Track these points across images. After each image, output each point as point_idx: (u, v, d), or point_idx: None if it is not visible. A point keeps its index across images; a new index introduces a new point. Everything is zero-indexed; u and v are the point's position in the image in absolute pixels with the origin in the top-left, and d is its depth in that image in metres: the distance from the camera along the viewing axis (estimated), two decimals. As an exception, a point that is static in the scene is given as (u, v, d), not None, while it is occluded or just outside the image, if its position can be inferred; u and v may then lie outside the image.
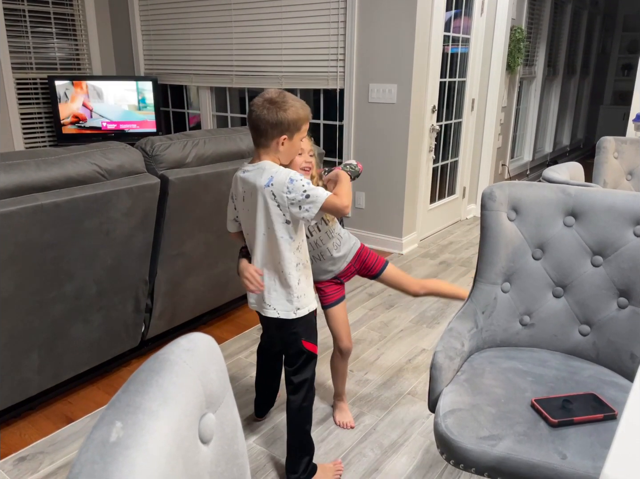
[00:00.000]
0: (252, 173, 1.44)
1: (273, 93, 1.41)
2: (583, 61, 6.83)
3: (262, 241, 1.48)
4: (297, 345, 1.60)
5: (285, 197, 1.39)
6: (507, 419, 1.07)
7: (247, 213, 1.50)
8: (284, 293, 1.52)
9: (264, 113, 1.38)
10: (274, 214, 1.42)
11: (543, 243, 1.36)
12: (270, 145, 1.43)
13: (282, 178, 1.39)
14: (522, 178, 5.80)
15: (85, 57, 5.02)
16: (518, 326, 1.38)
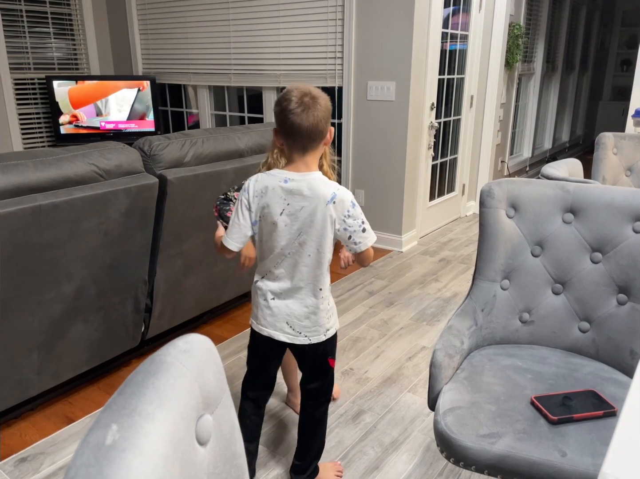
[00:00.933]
0: (300, 184, 1.29)
1: (304, 88, 1.29)
2: (582, 57, 6.82)
3: (304, 262, 1.34)
4: (324, 365, 1.52)
5: (343, 219, 1.30)
6: (506, 417, 1.07)
7: (288, 229, 1.33)
8: (317, 318, 1.41)
9: (317, 109, 1.24)
10: (328, 232, 1.32)
11: (542, 240, 1.36)
12: (320, 146, 1.31)
13: (346, 198, 1.30)
14: (522, 174, 5.80)
15: (83, 57, 5.01)
16: (517, 323, 1.38)
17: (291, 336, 1.42)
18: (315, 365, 1.52)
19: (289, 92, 1.28)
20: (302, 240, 1.32)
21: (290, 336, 1.42)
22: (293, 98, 1.25)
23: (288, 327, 1.41)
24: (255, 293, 1.46)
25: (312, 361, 1.51)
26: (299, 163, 1.31)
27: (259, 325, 1.46)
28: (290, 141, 1.29)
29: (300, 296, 1.38)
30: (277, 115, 1.29)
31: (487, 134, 4.55)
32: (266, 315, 1.42)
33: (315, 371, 1.54)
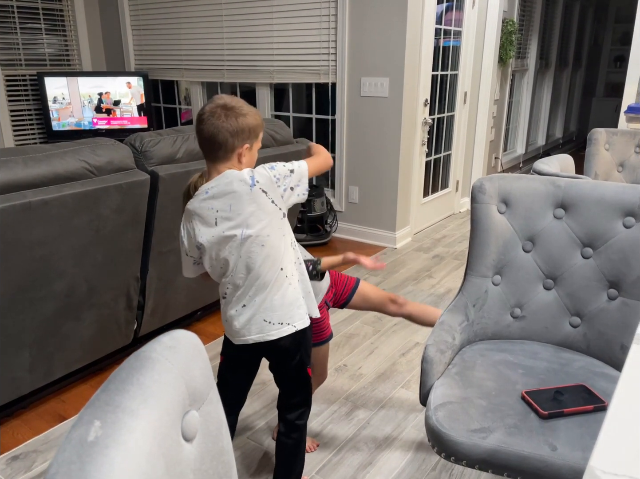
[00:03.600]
0: (219, 189, 1.25)
1: (226, 99, 1.28)
2: (575, 53, 6.84)
3: (258, 254, 1.28)
4: (302, 375, 1.43)
5: (276, 186, 1.27)
6: (497, 412, 1.07)
7: (226, 234, 1.28)
8: (293, 299, 1.34)
9: (222, 120, 1.24)
10: (271, 213, 1.27)
11: (533, 236, 1.36)
12: (231, 158, 1.28)
13: (262, 171, 1.27)
14: (515, 171, 5.81)
15: (75, 53, 4.98)
16: (509, 318, 1.38)
17: (278, 330, 1.34)
18: (290, 377, 1.44)
19: (211, 100, 1.30)
20: (251, 233, 1.26)
21: (277, 331, 1.34)
22: (207, 106, 1.27)
23: (270, 324, 1.33)
24: (223, 307, 1.39)
25: (289, 372, 1.44)
26: (212, 173, 1.30)
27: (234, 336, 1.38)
28: (201, 148, 1.31)
29: (274, 286, 1.31)
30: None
31: (480, 130, 4.55)
32: (242, 323, 1.35)
33: (293, 384, 1.46)
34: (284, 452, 1.52)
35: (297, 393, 1.48)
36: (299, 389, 1.47)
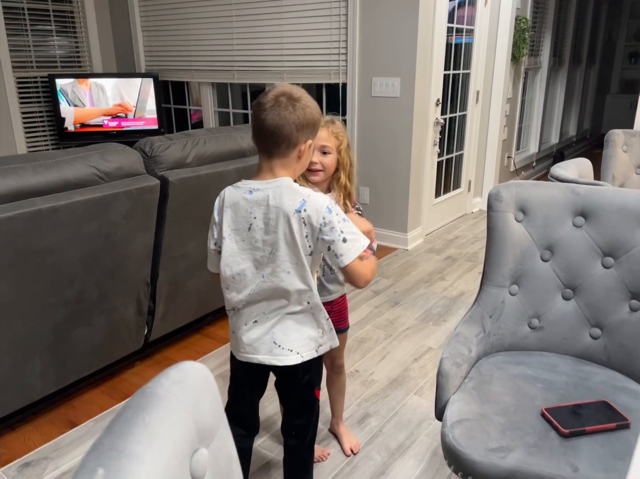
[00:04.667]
0: (266, 193, 1.16)
1: (289, 87, 1.16)
2: (589, 50, 6.73)
3: (280, 279, 1.20)
4: (309, 396, 1.38)
5: (320, 229, 1.15)
6: (516, 430, 1.04)
7: (256, 246, 1.20)
8: (306, 331, 1.27)
9: (289, 111, 1.12)
10: (301, 245, 1.17)
11: (552, 245, 1.32)
12: (290, 155, 1.17)
13: (320, 205, 1.15)
14: (528, 170, 5.74)
15: (86, 55, 4.98)
16: (527, 329, 1.34)
17: (283, 357, 1.27)
18: (299, 399, 1.38)
19: (271, 87, 1.18)
20: (279, 257, 1.18)
21: (283, 357, 1.27)
22: (269, 94, 1.15)
23: (279, 348, 1.26)
24: (232, 318, 1.33)
25: (293, 392, 1.39)
26: (264, 170, 1.19)
27: (240, 352, 1.32)
28: (256, 140, 1.19)
29: (290, 317, 1.25)
30: (251, 110, 1.21)
31: (493, 130, 4.49)
32: (250, 340, 1.29)
33: (301, 405, 1.39)
34: (291, 472, 1.47)
35: (302, 414, 1.40)
36: (305, 410, 1.40)
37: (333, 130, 1.50)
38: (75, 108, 4.56)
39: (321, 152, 1.49)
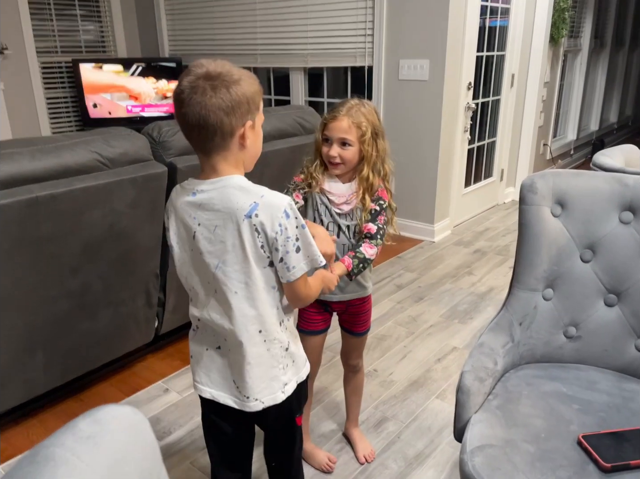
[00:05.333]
0: (210, 195, 0.99)
1: (206, 65, 0.95)
2: (632, 32, 6.35)
3: (229, 302, 1.01)
4: (289, 427, 1.19)
5: (275, 237, 0.96)
6: (548, 461, 0.90)
7: (204, 258, 1.01)
8: (266, 369, 1.06)
9: (209, 95, 0.92)
10: (255, 256, 0.98)
11: (594, 243, 1.16)
12: (229, 146, 0.97)
13: (275, 207, 0.96)
14: (566, 158, 5.46)
15: (110, 39, 4.92)
16: (562, 339, 1.19)
17: (245, 403, 1.08)
18: (280, 431, 1.20)
19: (187, 70, 0.97)
20: (225, 273, 1.00)
21: (245, 404, 1.08)
22: (184, 80, 0.94)
23: (239, 393, 1.08)
24: (192, 338, 1.15)
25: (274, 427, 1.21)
26: (207, 169, 1.00)
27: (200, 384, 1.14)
28: (187, 140, 1.00)
29: (245, 347, 1.03)
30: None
31: (528, 115, 4.26)
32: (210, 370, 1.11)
33: (280, 437, 1.22)
34: None
35: (281, 448, 1.24)
36: (284, 444, 1.23)
37: (355, 120, 1.36)
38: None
39: (341, 144, 1.36)
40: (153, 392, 2.08)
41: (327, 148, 1.38)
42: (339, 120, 1.37)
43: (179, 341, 2.42)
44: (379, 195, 1.42)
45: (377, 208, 1.39)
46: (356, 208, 1.40)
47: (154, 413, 1.97)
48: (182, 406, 2.00)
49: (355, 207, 1.40)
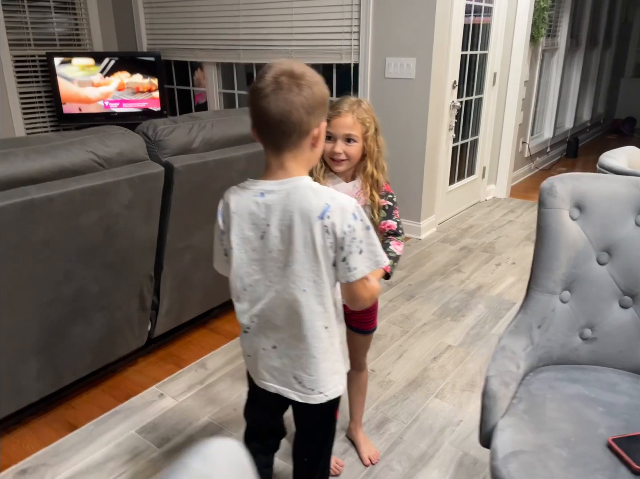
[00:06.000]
0: (281, 196, 0.99)
1: (287, 65, 0.97)
2: (606, 31, 6.50)
3: (297, 299, 1.03)
4: (330, 420, 1.24)
5: (342, 237, 0.98)
6: (581, 466, 0.90)
7: (270, 255, 1.03)
8: (330, 364, 1.11)
9: (294, 92, 0.94)
10: (324, 256, 1.00)
11: (610, 246, 1.17)
12: (303, 145, 0.99)
13: (345, 209, 0.97)
14: (542, 156, 5.56)
15: (85, 33, 4.78)
16: (578, 340, 1.20)
17: (308, 396, 1.12)
18: (320, 423, 1.23)
19: (266, 67, 0.99)
20: (295, 271, 1.02)
21: (307, 396, 1.12)
22: (266, 76, 0.96)
23: (301, 386, 1.12)
24: (246, 339, 1.17)
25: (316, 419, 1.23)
26: (274, 167, 1.01)
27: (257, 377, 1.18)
28: (260, 134, 1.01)
29: (305, 344, 1.08)
30: (248, 98, 1.02)
31: (509, 114, 4.31)
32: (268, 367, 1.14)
33: (318, 429, 1.25)
34: None
35: (316, 443, 1.26)
36: (320, 440, 1.26)
37: (359, 116, 1.36)
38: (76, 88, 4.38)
39: (345, 141, 1.35)
40: (147, 397, 2.04)
41: (331, 145, 1.35)
42: (344, 117, 1.35)
43: (171, 344, 2.38)
44: (386, 190, 1.43)
45: (390, 204, 1.40)
46: (365, 206, 1.39)
47: (150, 419, 1.92)
48: (179, 412, 1.96)
49: (364, 205, 1.39)
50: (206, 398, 2.03)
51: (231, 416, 1.94)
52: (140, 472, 1.69)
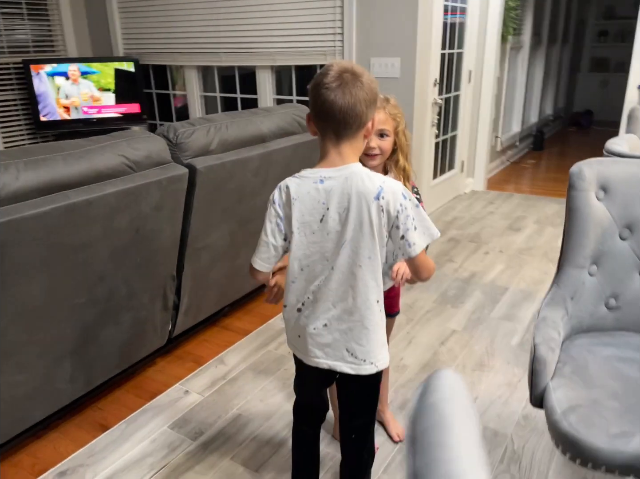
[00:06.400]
0: (339, 181, 1.10)
1: (347, 63, 1.10)
2: (564, 29, 6.81)
3: (354, 273, 1.13)
4: (374, 393, 1.32)
5: (395, 216, 1.09)
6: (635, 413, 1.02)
7: (332, 238, 1.13)
8: (380, 336, 1.20)
9: (358, 87, 1.05)
10: (379, 234, 1.11)
11: (631, 223, 1.31)
12: (358, 135, 1.11)
13: (396, 190, 1.09)
14: (512, 149, 5.79)
15: (60, 39, 4.72)
16: (604, 310, 1.33)
17: (358, 366, 1.21)
18: (366, 397, 1.32)
19: (329, 65, 1.11)
20: (351, 249, 1.12)
21: (358, 367, 1.21)
22: (330, 72, 1.08)
23: (353, 357, 1.20)
24: (297, 320, 1.24)
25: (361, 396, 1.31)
26: (333, 155, 1.12)
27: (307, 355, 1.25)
28: (322, 123, 1.11)
29: (358, 317, 1.17)
30: (310, 92, 1.13)
31: (484, 109, 4.50)
32: (320, 344, 1.22)
33: (364, 404, 1.33)
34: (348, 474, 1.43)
35: (362, 415, 1.34)
36: (367, 409, 1.34)
37: (390, 112, 1.44)
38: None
39: (379, 136, 1.43)
40: (173, 395, 2.08)
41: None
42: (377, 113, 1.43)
43: (187, 343, 2.42)
44: (412, 184, 1.52)
45: (418, 196, 1.48)
46: None
47: (180, 414, 1.97)
48: (206, 406, 2.01)
49: None
50: (231, 392, 2.09)
51: (258, 408, 2.00)
52: (182, 464, 1.74)
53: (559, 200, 4.40)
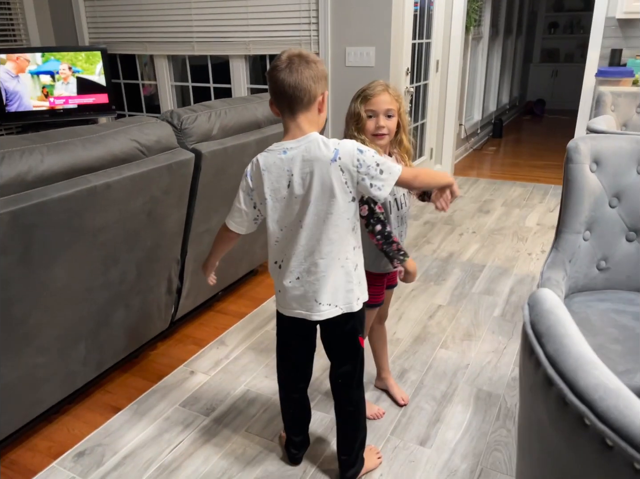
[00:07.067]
0: (299, 150, 1.25)
1: (297, 50, 1.27)
2: (518, 21, 7.10)
3: (319, 229, 1.29)
4: (353, 343, 1.45)
5: (355, 171, 1.24)
6: (636, 354, 1.17)
7: (299, 201, 1.28)
8: (344, 283, 1.35)
9: (303, 67, 1.22)
10: (341, 193, 1.26)
11: (619, 192, 1.47)
12: (312, 108, 1.26)
13: (350, 149, 1.24)
14: (475, 136, 6.03)
15: (21, 28, 4.59)
16: (595, 271, 1.48)
17: (321, 312, 1.36)
18: (342, 345, 1.47)
19: (282, 53, 1.27)
20: (316, 207, 1.27)
21: (321, 312, 1.36)
22: (282, 57, 1.25)
23: (315, 302, 1.36)
24: (277, 276, 1.40)
25: (336, 341, 1.47)
26: (293, 128, 1.28)
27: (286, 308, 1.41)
28: (278, 102, 1.28)
29: (322, 267, 1.32)
30: (267, 76, 1.28)
31: (451, 98, 4.68)
32: (294, 297, 1.37)
33: (340, 353, 1.48)
34: (342, 426, 1.56)
35: (346, 361, 1.48)
36: (349, 357, 1.47)
37: (393, 93, 1.54)
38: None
39: (386, 116, 1.52)
40: (179, 376, 2.14)
41: (374, 122, 1.51)
42: (382, 94, 1.53)
43: (185, 326, 2.47)
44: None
45: None
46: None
47: (190, 393, 2.03)
48: (214, 384, 2.08)
49: None
50: (236, 370, 2.16)
51: (264, 383, 2.08)
52: (198, 438, 1.81)
53: (521, 184, 4.64)
